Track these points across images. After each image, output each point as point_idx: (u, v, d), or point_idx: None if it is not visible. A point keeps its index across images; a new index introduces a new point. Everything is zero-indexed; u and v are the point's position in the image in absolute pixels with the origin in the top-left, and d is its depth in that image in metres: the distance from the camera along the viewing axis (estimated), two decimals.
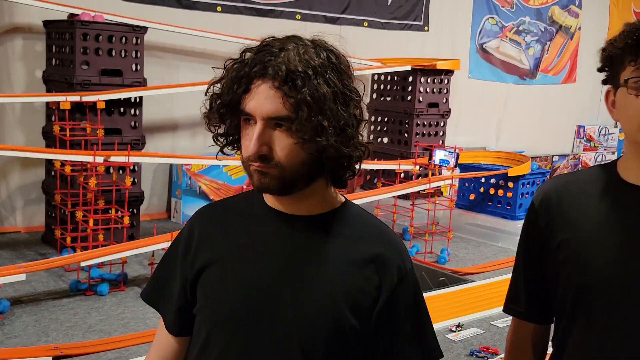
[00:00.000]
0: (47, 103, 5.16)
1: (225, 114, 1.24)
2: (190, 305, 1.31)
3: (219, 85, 1.26)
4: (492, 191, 6.33)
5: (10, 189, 5.59)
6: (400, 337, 1.26)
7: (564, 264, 1.38)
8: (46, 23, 5.26)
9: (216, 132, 1.29)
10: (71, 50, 4.92)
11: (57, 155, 4.73)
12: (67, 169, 4.68)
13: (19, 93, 5.41)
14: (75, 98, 4.75)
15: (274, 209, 1.28)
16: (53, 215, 5.16)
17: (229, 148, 1.31)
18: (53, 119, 5.04)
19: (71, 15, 5.06)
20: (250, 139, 1.20)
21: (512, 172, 6.08)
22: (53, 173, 5.08)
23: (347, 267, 1.23)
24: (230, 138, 1.29)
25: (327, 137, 1.17)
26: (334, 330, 1.20)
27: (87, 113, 4.88)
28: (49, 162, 5.17)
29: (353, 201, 1.38)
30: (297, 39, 1.23)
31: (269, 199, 1.29)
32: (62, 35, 5.07)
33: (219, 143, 1.30)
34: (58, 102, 4.77)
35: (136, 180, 5.23)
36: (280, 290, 1.22)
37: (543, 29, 9.44)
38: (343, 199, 1.33)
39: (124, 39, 5.05)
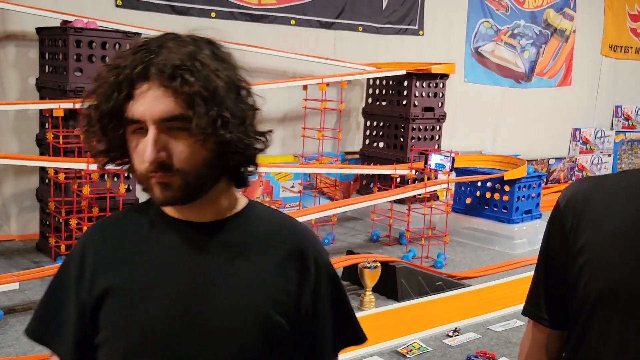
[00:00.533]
0: (41, 110, 5.14)
1: (107, 125, 1.12)
2: (91, 335, 1.17)
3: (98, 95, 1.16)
4: (488, 195, 6.31)
5: (5, 197, 5.56)
6: (325, 326, 1.23)
7: (585, 268, 1.32)
8: (39, 30, 5.24)
9: (96, 151, 1.18)
10: (64, 57, 4.90)
11: (51, 163, 4.70)
12: (61, 176, 4.66)
13: (12, 100, 5.38)
14: (68, 105, 4.73)
15: (176, 219, 1.19)
16: (47, 223, 5.13)
17: (114, 164, 1.20)
18: (47, 126, 5.01)
19: (64, 22, 5.04)
20: (143, 149, 1.11)
21: (508, 176, 6.07)
22: (47, 181, 5.06)
23: (265, 268, 1.18)
24: (114, 154, 1.18)
25: (230, 129, 1.11)
26: (263, 334, 1.15)
27: (81, 120, 4.84)
28: (43, 170, 5.14)
29: (347, 207, 1.33)
30: (174, 35, 1.15)
31: (169, 209, 1.19)
32: (55, 42, 5.05)
33: (99, 162, 1.20)
34: (51, 110, 4.75)
35: (131, 187, 5.21)
36: (199, 306, 1.13)
37: (538, 32, 9.44)
38: (246, 199, 1.26)
39: (117, 45, 5.03)
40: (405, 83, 6.80)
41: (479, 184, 6.37)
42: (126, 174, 5.08)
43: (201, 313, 1.13)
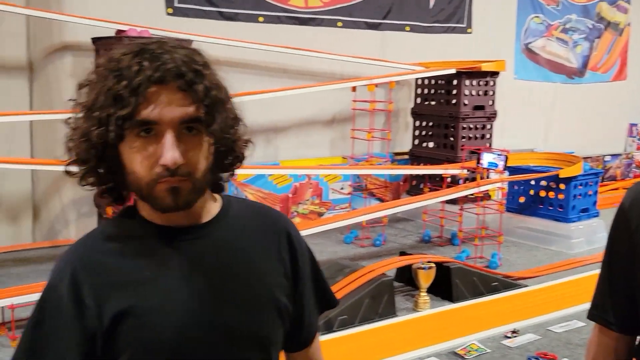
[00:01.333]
0: None
1: (120, 131, 1.09)
2: None
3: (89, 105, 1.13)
4: (542, 194, 6.18)
5: (64, 203, 5.72)
6: (311, 296, 1.31)
7: None
8: (95, 40, 5.37)
9: (89, 167, 1.15)
10: None
11: None
12: None
13: (70, 109, 5.52)
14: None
15: (166, 226, 1.17)
16: None
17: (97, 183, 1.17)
18: None
19: (119, 31, 5.16)
20: (156, 152, 1.09)
21: (563, 174, 5.94)
22: None
23: (263, 257, 1.23)
24: (102, 170, 1.15)
25: (234, 134, 1.18)
26: (276, 318, 1.22)
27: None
28: None
29: (398, 208, 1.34)
30: (166, 42, 1.15)
31: (154, 217, 1.17)
32: (110, 51, 5.16)
33: (87, 183, 1.17)
34: None
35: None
36: (214, 306, 1.15)
37: (591, 26, 9.22)
38: (219, 196, 1.26)
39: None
40: (455, 82, 6.72)
41: (533, 182, 6.25)
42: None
43: (218, 312, 1.15)
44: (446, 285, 4.47)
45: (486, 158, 5.43)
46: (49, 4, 5.42)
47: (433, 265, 4.33)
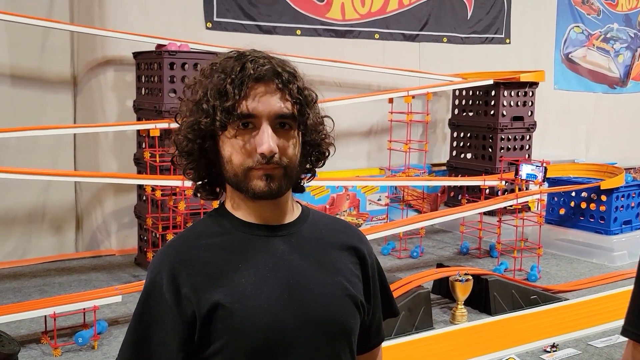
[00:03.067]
0: (138, 131, 5.39)
1: (225, 120, 1.23)
2: (196, 350, 1.23)
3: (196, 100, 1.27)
4: (583, 205, 6.08)
5: (105, 214, 5.84)
6: (378, 302, 1.42)
7: None
8: (136, 54, 5.50)
9: (189, 161, 1.31)
10: (159, 79, 5.12)
11: (148, 181, 4.91)
12: (158, 193, 4.86)
13: (111, 122, 5.67)
14: (164, 125, 4.93)
15: (255, 224, 1.29)
16: (145, 238, 5.36)
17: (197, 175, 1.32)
18: (144, 145, 5.25)
19: (159, 46, 5.27)
20: (257, 141, 1.22)
21: (605, 185, 5.83)
22: (144, 198, 5.28)
23: (339, 258, 1.33)
24: (203, 160, 1.30)
25: (321, 132, 1.31)
26: (355, 312, 1.32)
27: (173, 135, 5.03)
28: (141, 188, 5.38)
29: (436, 219, 1.40)
30: (261, 51, 1.30)
31: (244, 215, 1.30)
32: (150, 66, 5.29)
33: (188, 176, 1.33)
34: (148, 130, 4.97)
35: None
36: (300, 297, 1.25)
37: (633, 35, 9.06)
38: (299, 203, 1.39)
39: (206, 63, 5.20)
40: (493, 93, 6.67)
41: (574, 194, 6.15)
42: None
43: (305, 303, 1.25)
44: (484, 298, 4.43)
45: (525, 169, 5.37)
46: (93, 20, 5.57)
47: (470, 277, 4.30)
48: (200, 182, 1.33)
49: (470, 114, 6.99)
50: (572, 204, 6.18)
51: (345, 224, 1.44)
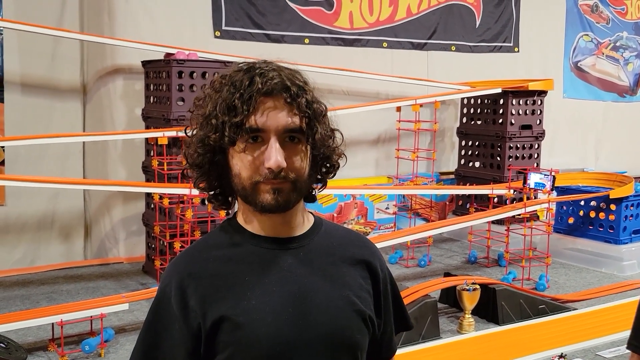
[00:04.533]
0: (146, 139, 5.41)
1: (234, 135, 1.23)
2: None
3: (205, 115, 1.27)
4: (592, 214, 6.05)
5: (114, 222, 5.87)
6: (390, 317, 1.42)
7: None
8: (144, 63, 5.54)
9: (199, 173, 1.31)
10: (167, 87, 5.15)
11: (156, 189, 4.93)
12: (166, 201, 4.88)
13: (120, 130, 5.70)
14: (172, 133, 4.95)
15: (264, 236, 1.29)
16: (153, 246, 5.37)
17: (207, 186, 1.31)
18: (152, 154, 5.27)
19: (167, 54, 5.30)
20: (264, 155, 1.22)
21: (614, 194, 5.80)
22: (152, 206, 5.30)
23: (348, 272, 1.32)
24: (214, 173, 1.30)
25: (331, 145, 1.31)
26: (361, 327, 1.30)
27: (183, 147, 5.05)
28: (149, 196, 5.40)
29: (444, 228, 1.39)
30: (271, 62, 1.29)
31: (254, 229, 1.30)
32: (159, 74, 5.32)
33: (199, 188, 1.33)
34: (156, 138, 4.99)
35: (230, 211, 5.36)
36: (306, 310, 1.25)
37: None
38: (312, 215, 1.38)
39: (216, 74, 5.21)
40: (501, 101, 6.66)
41: (583, 203, 6.12)
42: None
43: (311, 317, 1.25)
44: (492, 308, 4.41)
45: (533, 178, 5.35)
46: (102, 29, 5.62)
47: (477, 286, 4.28)
48: (212, 192, 1.34)
49: (479, 122, 6.98)
50: (581, 213, 6.15)
51: (358, 237, 1.43)
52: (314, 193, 1.37)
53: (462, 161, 7.18)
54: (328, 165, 1.34)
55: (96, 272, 5.49)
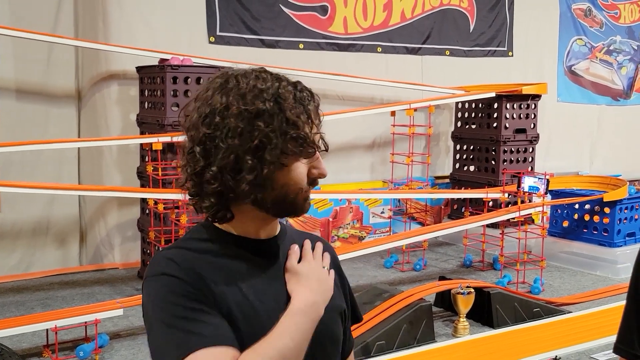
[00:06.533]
0: (141, 144, 5.42)
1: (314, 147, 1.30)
2: None
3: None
4: (587, 217, 6.07)
5: (109, 228, 5.86)
6: (348, 310, 1.44)
7: None
8: (139, 69, 5.55)
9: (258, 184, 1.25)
10: (162, 93, 5.15)
11: (151, 194, 4.93)
12: (160, 207, 4.88)
13: (115, 136, 5.70)
14: (166, 139, 4.96)
15: (251, 238, 1.31)
16: (148, 251, 5.37)
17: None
18: (146, 159, 5.27)
19: (162, 60, 5.31)
20: (319, 165, 1.30)
21: (608, 197, 5.82)
22: (147, 211, 5.30)
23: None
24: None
25: None
26: (340, 322, 1.36)
27: (178, 153, 5.08)
28: (144, 201, 5.40)
29: (439, 232, 1.40)
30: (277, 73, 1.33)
31: (239, 231, 1.30)
32: (153, 80, 5.33)
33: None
34: (151, 144, 5.00)
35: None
36: None
37: (636, 48, 9.07)
38: None
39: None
40: (495, 105, 6.69)
41: (577, 206, 6.14)
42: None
43: None
44: (487, 311, 4.41)
45: (527, 182, 5.37)
46: (97, 35, 5.63)
47: (472, 290, 4.29)
48: (218, 212, 1.31)
49: (473, 126, 7.00)
50: (576, 216, 6.17)
51: (310, 233, 1.47)
52: None
53: (457, 165, 7.20)
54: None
55: (91, 278, 5.49)
